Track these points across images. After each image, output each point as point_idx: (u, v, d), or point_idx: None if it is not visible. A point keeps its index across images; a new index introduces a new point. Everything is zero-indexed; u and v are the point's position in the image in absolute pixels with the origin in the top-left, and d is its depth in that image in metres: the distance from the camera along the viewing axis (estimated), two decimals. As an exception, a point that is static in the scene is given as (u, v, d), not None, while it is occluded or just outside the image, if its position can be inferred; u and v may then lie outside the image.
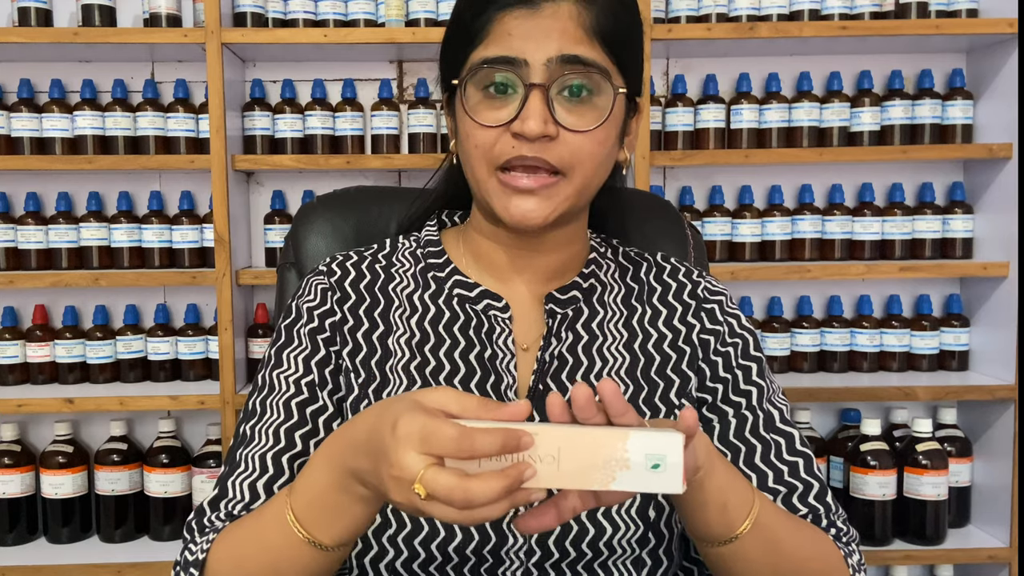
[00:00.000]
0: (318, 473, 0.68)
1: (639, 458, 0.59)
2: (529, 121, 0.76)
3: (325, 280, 0.91)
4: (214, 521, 0.81)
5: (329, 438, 0.69)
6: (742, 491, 0.74)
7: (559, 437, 0.59)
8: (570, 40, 0.78)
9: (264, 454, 0.83)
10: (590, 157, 0.80)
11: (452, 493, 0.56)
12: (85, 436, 2.03)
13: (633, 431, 0.59)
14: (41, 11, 1.84)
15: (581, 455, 0.59)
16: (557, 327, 0.89)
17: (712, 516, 0.73)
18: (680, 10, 1.90)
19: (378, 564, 0.80)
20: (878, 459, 1.83)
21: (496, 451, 0.57)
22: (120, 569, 1.80)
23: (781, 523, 0.78)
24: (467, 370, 0.86)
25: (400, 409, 0.60)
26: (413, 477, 0.57)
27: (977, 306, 2.01)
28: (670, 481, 0.59)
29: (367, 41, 1.83)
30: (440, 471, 0.57)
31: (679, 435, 0.60)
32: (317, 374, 0.86)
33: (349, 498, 0.66)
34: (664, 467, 0.59)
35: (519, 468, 0.57)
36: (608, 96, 0.79)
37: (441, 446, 0.57)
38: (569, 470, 0.59)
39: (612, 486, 0.59)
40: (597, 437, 0.59)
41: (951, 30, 1.84)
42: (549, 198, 0.80)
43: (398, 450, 0.58)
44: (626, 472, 0.59)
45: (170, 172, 2.02)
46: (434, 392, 0.61)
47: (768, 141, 1.94)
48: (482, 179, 0.82)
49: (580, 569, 0.81)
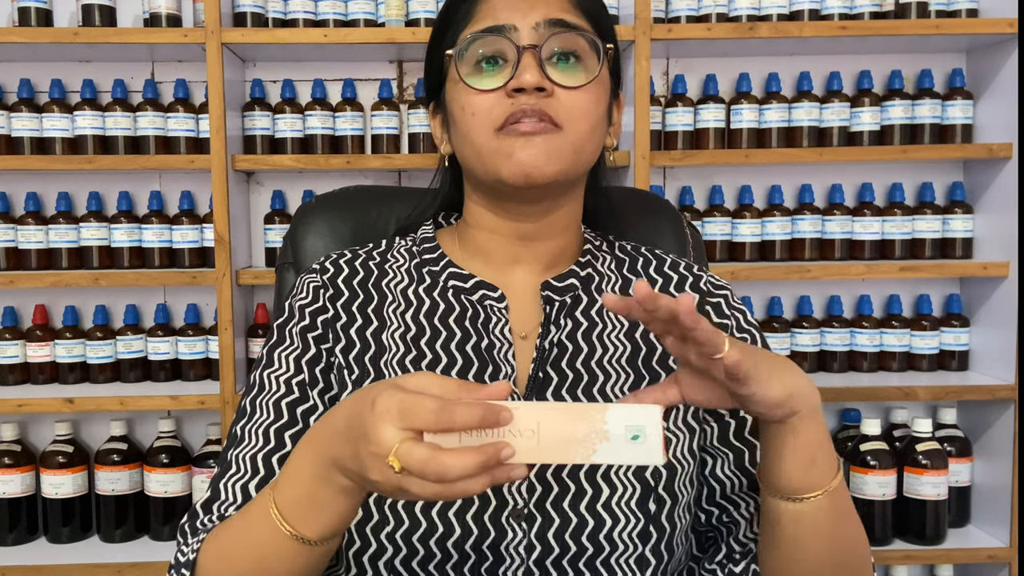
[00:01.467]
0: (299, 467, 0.68)
1: (618, 429, 0.60)
2: (524, 74, 0.79)
3: (318, 278, 0.91)
4: (206, 524, 0.81)
5: (308, 431, 0.69)
6: (830, 453, 0.74)
7: (538, 411, 0.60)
8: (555, 8, 0.82)
9: (255, 455, 0.83)
10: (584, 115, 0.82)
11: (426, 465, 0.56)
12: (85, 436, 2.03)
13: (612, 405, 0.61)
14: (41, 11, 1.84)
15: (561, 428, 0.60)
16: (555, 315, 0.88)
17: (796, 467, 0.73)
18: (680, 10, 1.90)
19: (377, 562, 0.80)
20: (878, 459, 1.83)
21: (476, 424, 0.57)
22: (120, 569, 1.81)
23: (849, 502, 0.79)
24: (464, 361, 0.86)
25: (380, 389, 0.60)
26: (389, 450, 0.57)
27: (977, 306, 2.01)
28: (650, 452, 0.60)
29: (367, 41, 1.84)
30: (415, 443, 0.57)
31: (657, 407, 0.61)
32: (308, 373, 0.86)
33: (331, 490, 0.65)
34: (643, 438, 0.60)
35: (496, 446, 0.57)
36: (595, 59, 0.83)
37: (421, 418, 0.57)
38: (549, 444, 0.60)
39: (593, 458, 0.60)
40: (576, 410, 0.61)
41: (951, 30, 1.84)
42: (549, 144, 0.80)
43: (376, 425, 0.58)
44: (606, 444, 0.60)
45: (170, 172, 2.02)
46: (414, 376, 0.61)
47: (768, 141, 1.94)
48: (483, 144, 0.82)
49: (582, 567, 0.80)
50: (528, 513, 0.80)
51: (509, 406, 0.59)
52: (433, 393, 0.59)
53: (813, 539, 0.76)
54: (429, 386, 0.60)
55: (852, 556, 0.80)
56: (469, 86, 0.82)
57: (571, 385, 0.86)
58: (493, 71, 0.82)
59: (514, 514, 0.80)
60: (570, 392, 0.85)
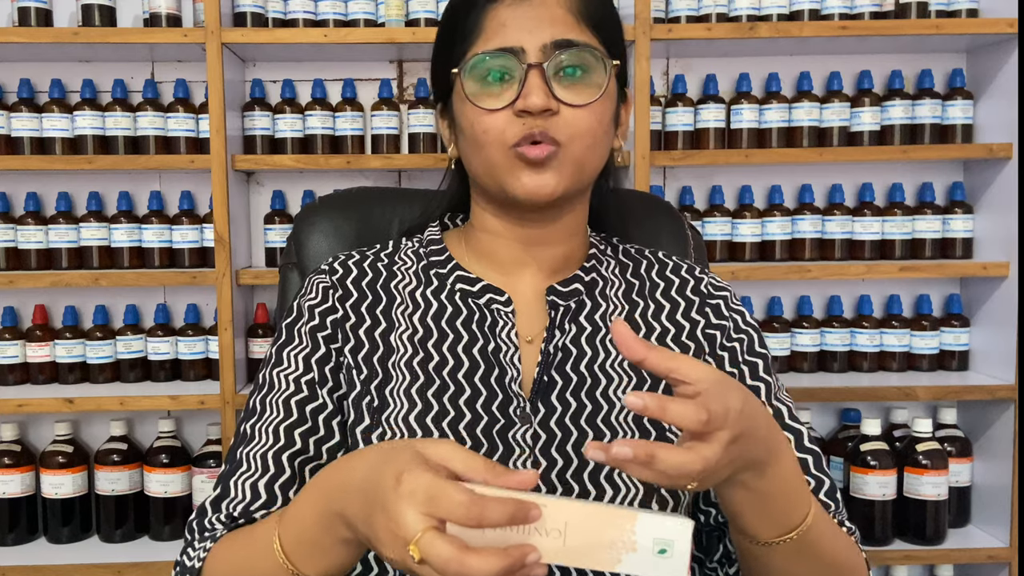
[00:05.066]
0: (306, 509, 0.67)
1: (647, 542, 0.58)
2: (531, 96, 0.79)
3: (327, 278, 0.92)
4: (214, 522, 0.81)
5: (322, 473, 0.68)
6: (787, 505, 0.70)
7: (567, 511, 0.58)
8: (561, 26, 0.82)
9: (264, 453, 0.83)
10: (589, 131, 0.82)
11: (448, 565, 0.54)
12: (85, 436, 2.03)
13: (642, 513, 0.58)
14: (41, 11, 1.84)
15: (588, 532, 0.58)
16: (560, 319, 0.89)
17: (749, 513, 0.69)
18: (680, 10, 1.90)
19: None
20: (878, 459, 1.83)
21: (505, 522, 0.55)
22: (120, 569, 1.80)
23: (828, 529, 0.76)
24: (470, 364, 0.86)
25: (404, 461, 0.58)
26: (411, 537, 0.55)
27: (977, 306, 2.01)
28: (675, 568, 0.58)
29: (367, 41, 1.83)
30: (439, 537, 0.54)
31: (689, 522, 0.58)
32: (317, 372, 0.86)
33: (331, 539, 0.65)
34: (671, 553, 0.58)
35: (523, 550, 0.55)
36: (601, 74, 0.83)
37: (449, 511, 0.55)
38: (574, 546, 0.57)
39: (617, 568, 0.58)
40: (606, 515, 0.58)
41: (951, 30, 1.84)
42: (556, 169, 0.82)
43: (399, 505, 0.56)
44: (632, 555, 0.58)
45: (170, 172, 2.02)
46: (437, 445, 0.60)
47: (768, 141, 1.94)
48: (497, 160, 0.83)
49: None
50: None
51: (538, 501, 0.56)
52: (456, 468, 0.58)
53: (767, 571, 0.75)
54: (452, 459, 0.58)
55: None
56: (476, 105, 0.82)
57: (575, 389, 0.86)
58: (499, 88, 0.82)
59: None
60: (575, 396, 0.86)
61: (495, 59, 0.81)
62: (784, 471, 0.68)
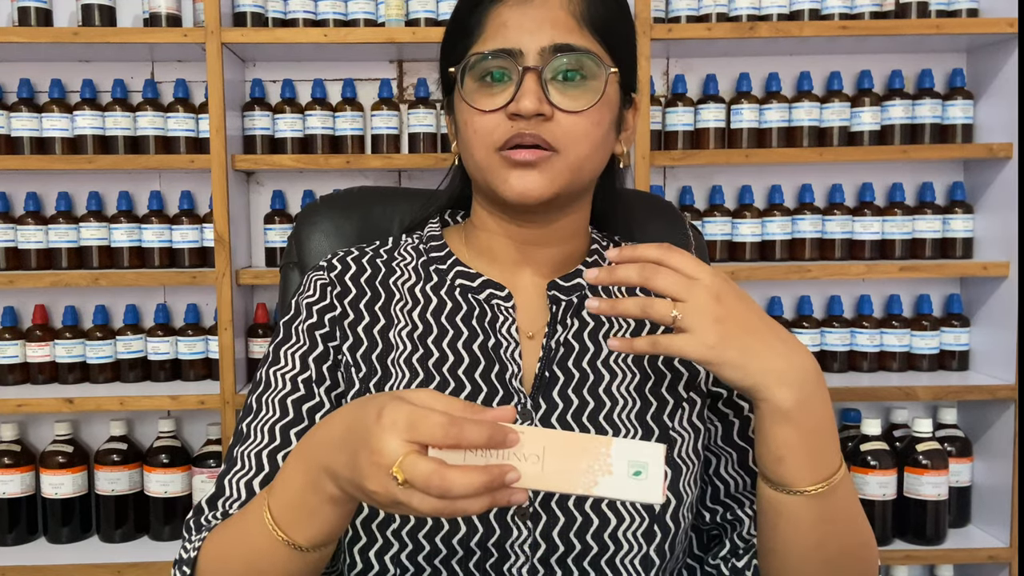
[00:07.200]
0: (292, 473, 0.67)
1: (621, 464, 0.61)
2: (523, 100, 0.79)
3: (325, 275, 0.91)
4: (211, 520, 0.81)
5: (303, 438, 0.69)
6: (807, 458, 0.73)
7: (544, 437, 0.61)
8: (562, 29, 0.81)
9: (260, 452, 0.83)
10: (584, 136, 0.82)
11: (430, 479, 0.56)
12: (85, 436, 2.03)
13: (617, 439, 0.61)
14: (41, 11, 1.84)
15: (565, 457, 0.60)
16: (562, 314, 0.89)
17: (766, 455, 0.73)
18: (680, 10, 1.90)
19: (383, 556, 0.80)
20: (878, 459, 1.83)
21: (483, 442, 0.57)
22: (120, 569, 1.80)
23: (853, 492, 0.78)
24: (471, 360, 0.86)
25: (384, 400, 0.60)
26: (392, 462, 0.57)
27: (977, 306, 2.01)
28: (650, 490, 0.61)
29: (367, 41, 1.83)
30: (420, 457, 0.56)
31: (662, 446, 0.62)
32: (315, 371, 0.86)
33: (319, 498, 0.65)
34: (645, 475, 0.61)
35: (502, 468, 0.57)
36: (600, 80, 0.82)
37: (429, 432, 0.57)
38: (552, 471, 0.60)
39: (594, 491, 0.61)
40: (582, 441, 0.61)
41: (951, 30, 1.84)
42: (545, 172, 0.81)
43: (381, 436, 0.57)
44: (608, 477, 0.61)
45: (170, 172, 2.02)
46: (418, 392, 0.61)
47: (768, 141, 1.94)
48: (482, 160, 0.83)
49: (586, 566, 0.81)
50: (533, 511, 0.81)
51: (516, 429, 0.59)
52: (438, 410, 0.59)
53: (792, 530, 0.76)
54: (433, 402, 0.60)
55: (848, 558, 0.79)
56: (470, 105, 0.82)
57: (577, 384, 0.86)
58: (496, 88, 0.82)
59: (519, 512, 0.80)
60: (576, 391, 0.86)
61: (493, 60, 0.81)
62: (792, 429, 0.71)
